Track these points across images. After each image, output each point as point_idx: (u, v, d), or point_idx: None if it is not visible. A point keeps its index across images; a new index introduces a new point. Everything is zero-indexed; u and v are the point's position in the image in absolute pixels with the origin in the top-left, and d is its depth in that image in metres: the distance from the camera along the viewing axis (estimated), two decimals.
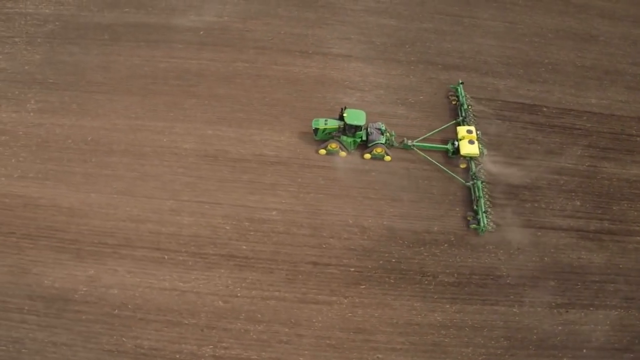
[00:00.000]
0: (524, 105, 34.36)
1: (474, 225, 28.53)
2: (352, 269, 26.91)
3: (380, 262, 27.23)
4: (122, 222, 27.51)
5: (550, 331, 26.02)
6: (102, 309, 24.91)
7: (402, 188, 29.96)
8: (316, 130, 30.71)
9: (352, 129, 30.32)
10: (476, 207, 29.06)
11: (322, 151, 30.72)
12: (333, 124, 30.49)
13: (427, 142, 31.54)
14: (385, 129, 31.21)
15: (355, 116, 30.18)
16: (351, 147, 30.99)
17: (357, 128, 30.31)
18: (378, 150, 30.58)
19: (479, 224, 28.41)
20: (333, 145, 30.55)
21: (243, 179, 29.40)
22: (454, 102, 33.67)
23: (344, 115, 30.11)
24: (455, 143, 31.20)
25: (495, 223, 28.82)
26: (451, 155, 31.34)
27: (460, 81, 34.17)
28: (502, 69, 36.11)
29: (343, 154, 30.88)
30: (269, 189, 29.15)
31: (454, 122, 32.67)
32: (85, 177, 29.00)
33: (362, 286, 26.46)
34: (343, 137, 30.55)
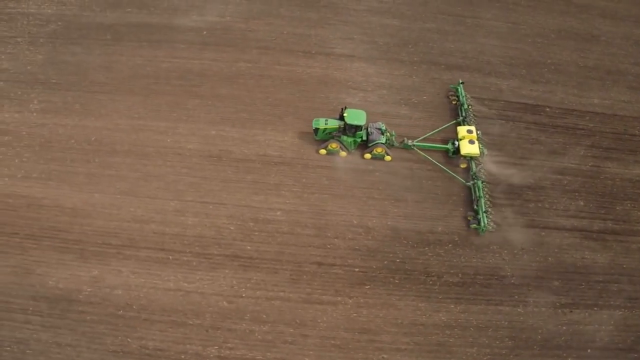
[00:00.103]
0: (527, 105, 34.37)
1: (474, 225, 28.53)
2: (357, 269, 26.89)
3: (385, 263, 27.22)
4: (125, 222, 27.46)
5: (555, 331, 26.02)
6: (107, 310, 24.87)
7: (405, 188, 29.94)
8: (316, 130, 30.68)
9: (353, 129, 30.29)
10: (476, 207, 29.07)
11: (323, 151, 30.69)
12: (333, 123, 30.46)
13: (427, 142, 31.53)
14: (385, 128, 31.16)
15: (355, 116, 30.14)
16: (351, 147, 30.95)
17: (358, 128, 30.27)
18: (378, 150, 30.55)
19: (479, 223, 28.41)
20: (333, 145, 30.52)
21: (247, 179, 29.37)
22: (454, 102, 33.65)
23: (344, 115, 30.07)
24: (456, 143, 31.19)
25: (496, 223, 28.78)
26: (451, 155, 31.33)
27: (461, 81, 34.14)
28: (504, 69, 36.12)
29: (343, 153, 30.84)
30: (273, 189, 29.13)
31: (454, 122, 32.67)
32: (88, 178, 28.95)
33: (367, 286, 26.46)
34: (343, 137, 30.51)
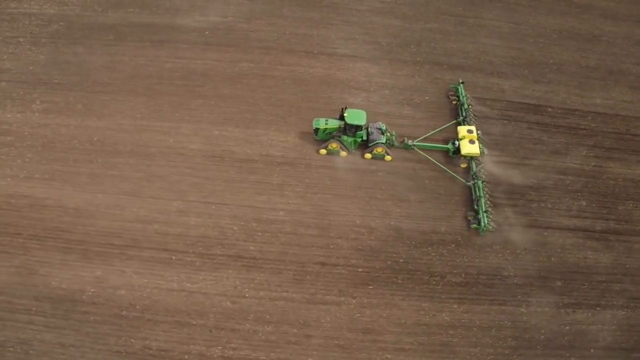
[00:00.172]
0: (529, 105, 34.40)
1: (474, 225, 28.54)
2: (360, 270, 26.90)
3: (388, 263, 27.23)
4: (129, 222, 27.43)
5: (558, 331, 26.05)
6: (110, 310, 24.85)
7: (408, 188, 29.94)
8: (317, 130, 30.66)
9: (353, 129, 30.27)
10: (477, 206, 29.08)
11: (323, 151, 30.67)
12: (334, 123, 30.44)
13: (427, 142, 31.53)
14: (385, 128, 31.14)
15: (355, 116, 30.13)
16: (352, 147, 30.94)
17: (358, 128, 30.24)
18: (378, 149, 30.54)
19: (479, 223, 28.42)
20: (334, 145, 30.50)
21: (250, 180, 29.36)
22: (454, 102, 33.66)
23: (345, 115, 30.07)
24: (456, 143, 31.20)
25: (498, 223, 28.79)
26: (452, 155, 31.34)
27: (461, 81, 34.16)
28: (507, 69, 36.16)
29: (344, 153, 30.83)
30: (276, 189, 29.12)
31: (454, 122, 32.69)
32: (91, 178, 28.92)
33: (370, 286, 26.46)
34: (343, 137, 30.49)
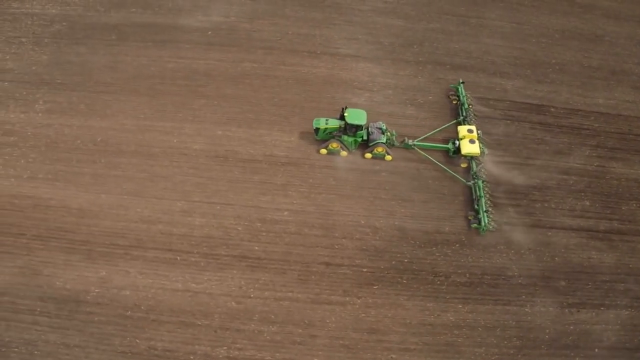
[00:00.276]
0: (532, 105, 34.41)
1: (475, 224, 28.56)
2: (365, 270, 26.88)
3: (393, 263, 27.22)
4: (133, 223, 27.40)
5: (562, 331, 26.05)
6: (115, 311, 24.81)
7: (412, 188, 29.93)
8: (317, 130, 30.65)
9: (353, 129, 30.26)
10: (477, 206, 29.10)
11: (323, 151, 30.65)
12: (334, 123, 30.43)
13: (428, 142, 31.52)
14: (385, 128, 31.13)
15: (356, 116, 30.12)
16: (352, 147, 30.92)
17: (358, 127, 30.23)
18: (379, 149, 30.53)
19: (480, 223, 28.44)
20: (334, 145, 30.49)
21: (254, 180, 29.34)
22: (454, 102, 33.67)
23: (345, 114, 30.06)
24: (456, 142, 31.20)
25: (501, 223, 28.76)
26: (452, 155, 31.35)
27: (461, 80, 34.17)
28: (509, 69, 36.17)
29: (344, 153, 30.81)
30: (280, 189, 29.10)
31: (454, 122, 32.70)
32: (94, 178, 28.89)
33: (375, 286, 26.46)
34: (344, 137, 30.48)
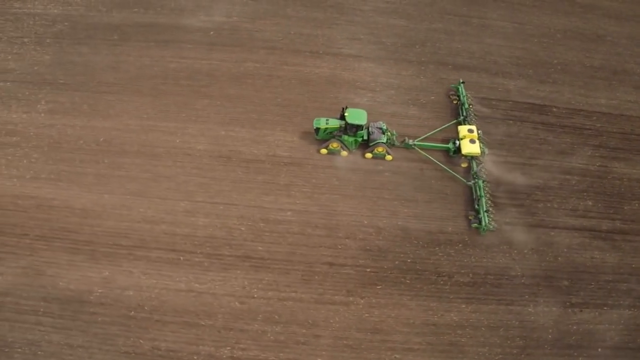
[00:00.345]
0: (534, 105, 34.44)
1: (475, 224, 28.57)
2: (368, 270, 26.90)
3: (396, 263, 27.23)
4: (136, 223, 27.39)
5: (565, 330, 26.09)
6: (118, 311, 24.80)
7: (415, 188, 29.95)
8: (317, 130, 30.65)
9: (354, 129, 30.24)
10: (477, 206, 29.12)
11: (324, 151, 30.64)
12: (334, 123, 30.41)
13: (428, 142, 31.53)
14: (386, 128, 31.12)
15: (356, 115, 30.11)
16: (352, 147, 30.92)
17: (358, 127, 30.21)
18: (379, 149, 30.52)
19: (480, 223, 28.46)
20: (334, 145, 30.48)
21: (257, 180, 29.35)
22: (454, 102, 33.69)
23: (345, 114, 30.05)
24: (457, 142, 31.20)
25: (503, 223, 28.76)
26: (452, 155, 31.35)
27: (461, 80, 34.18)
28: (511, 69, 36.19)
29: (344, 153, 30.79)
30: (283, 189, 29.11)
31: (454, 122, 32.72)
32: (97, 178, 28.88)
33: (378, 286, 26.46)
34: (344, 137, 30.47)
